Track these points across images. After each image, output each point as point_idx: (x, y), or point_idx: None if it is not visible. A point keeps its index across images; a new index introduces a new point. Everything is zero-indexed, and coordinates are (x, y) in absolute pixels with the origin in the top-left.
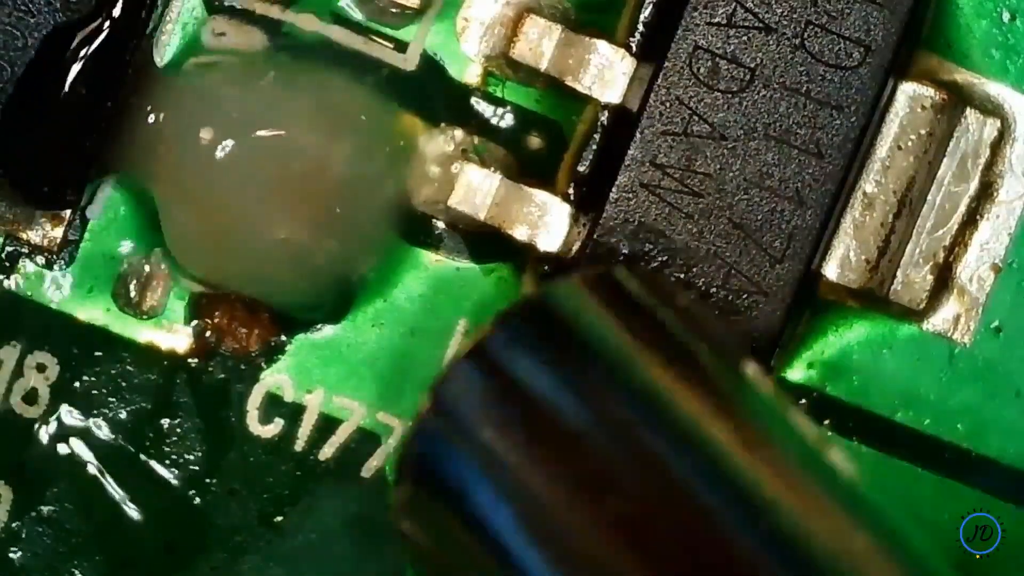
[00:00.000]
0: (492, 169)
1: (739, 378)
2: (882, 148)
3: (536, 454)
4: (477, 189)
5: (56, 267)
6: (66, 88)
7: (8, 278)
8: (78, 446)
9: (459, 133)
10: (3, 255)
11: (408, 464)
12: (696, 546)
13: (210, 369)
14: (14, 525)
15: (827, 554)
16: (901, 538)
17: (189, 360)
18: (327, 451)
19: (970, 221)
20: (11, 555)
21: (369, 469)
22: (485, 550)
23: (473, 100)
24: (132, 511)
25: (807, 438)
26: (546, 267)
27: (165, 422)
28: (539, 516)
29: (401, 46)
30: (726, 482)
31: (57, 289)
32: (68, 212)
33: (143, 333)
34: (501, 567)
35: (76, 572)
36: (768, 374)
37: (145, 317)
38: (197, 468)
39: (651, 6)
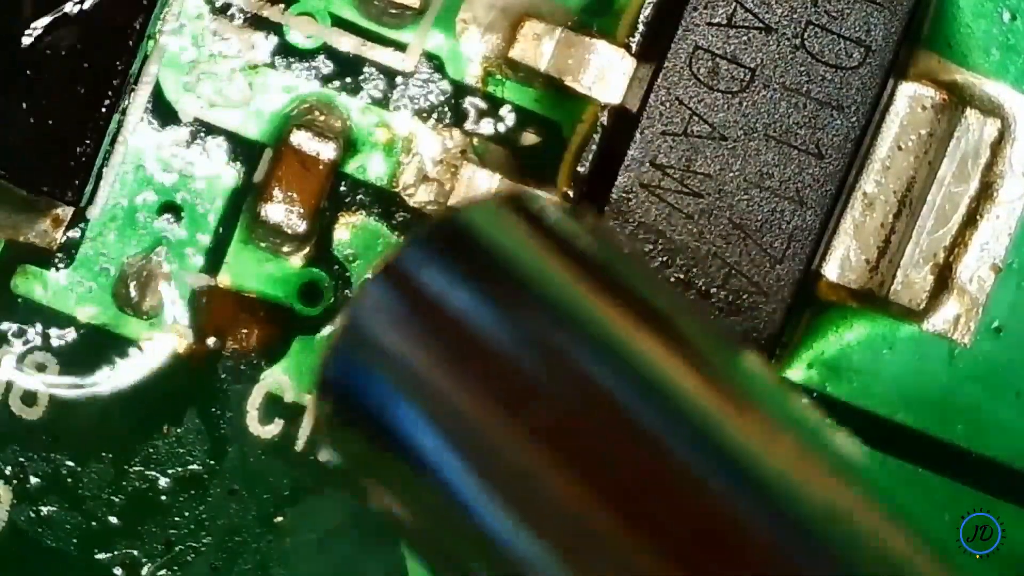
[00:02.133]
0: (492, 169)
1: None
2: (882, 148)
3: (455, 368)
4: (477, 189)
5: (56, 267)
6: (66, 86)
7: (8, 278)
8: (77, 446)
9: (459, 133)
10: (3, 256)
11: (326, 383)
12: (621, 454)
13: (210, 369)
14: (14, 525)
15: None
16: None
17: (189, 360)
18: (327, 451)
19: (970, 221)
20: (11, 555)
21: None
22: (404, 462)
23: (473, 100)
24: (131, 511)
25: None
26: None
27: (165, 422)
28: (458, 429)
29: (400, 47)
30: (654, 390)
31: (57, 289)
32: (68, 212)
33: (143, 333)
34: (417, 477)
35: (76, 572)
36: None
37: (145, 317)
38: (197, 468)
39: (651, 6)
